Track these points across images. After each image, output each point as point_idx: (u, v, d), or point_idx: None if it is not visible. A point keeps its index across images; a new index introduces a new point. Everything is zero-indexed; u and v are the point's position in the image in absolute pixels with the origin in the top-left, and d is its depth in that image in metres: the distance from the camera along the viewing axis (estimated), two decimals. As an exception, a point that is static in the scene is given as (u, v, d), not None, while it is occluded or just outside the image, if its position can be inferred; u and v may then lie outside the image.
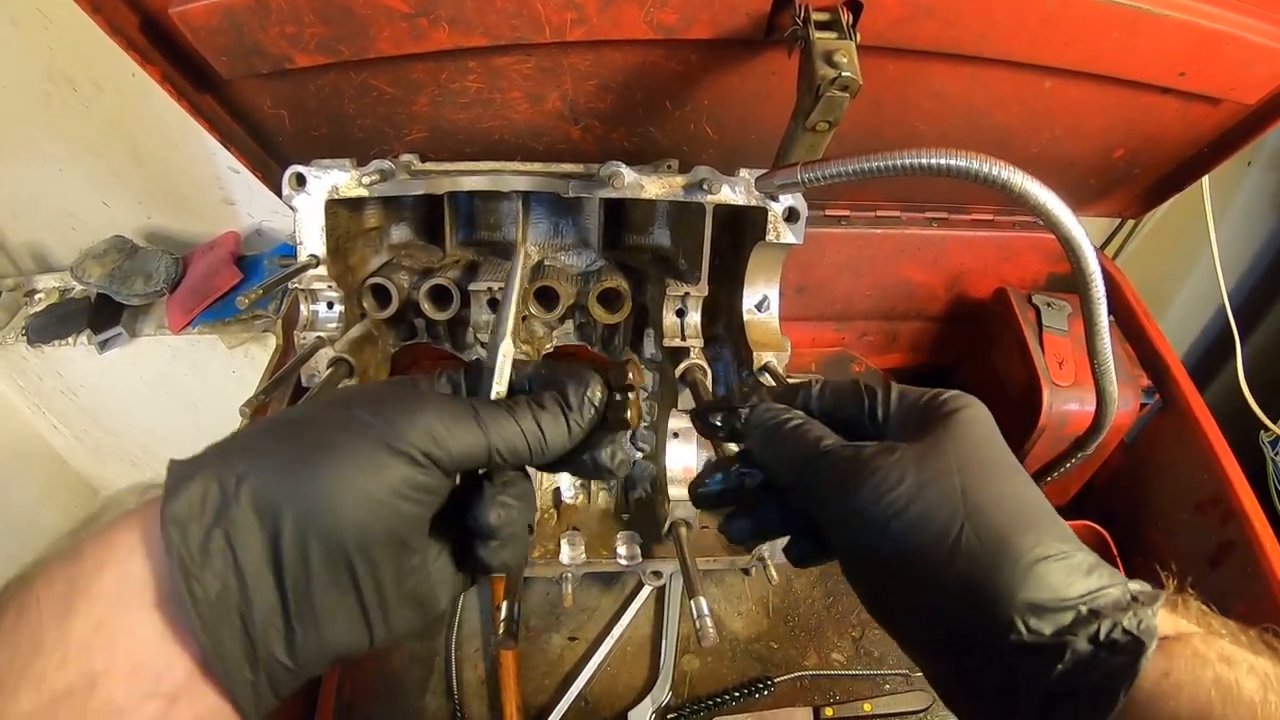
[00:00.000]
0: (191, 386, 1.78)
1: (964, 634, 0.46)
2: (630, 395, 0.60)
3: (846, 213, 1.34)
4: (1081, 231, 0.85)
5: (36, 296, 1.90)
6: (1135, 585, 0.46)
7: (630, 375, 0.61)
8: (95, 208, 1.82)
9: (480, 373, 0.59)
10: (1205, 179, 1.37)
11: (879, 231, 1.36)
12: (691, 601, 0.89)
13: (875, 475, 0.49)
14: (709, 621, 0.86)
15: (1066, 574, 0.45)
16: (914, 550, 0.47)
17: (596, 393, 0.57)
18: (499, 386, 0.59)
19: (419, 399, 0.51)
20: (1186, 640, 0.44)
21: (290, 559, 0.45)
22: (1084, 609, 0.44)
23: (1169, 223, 1.81)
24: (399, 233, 1.15)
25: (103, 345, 1.73)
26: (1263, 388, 1.46)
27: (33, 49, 1.54)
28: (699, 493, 0.62)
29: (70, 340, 1.76)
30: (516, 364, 0.60)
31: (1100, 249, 1.47)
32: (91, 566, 0.43)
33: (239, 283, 1.65)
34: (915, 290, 1.47)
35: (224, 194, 1.74)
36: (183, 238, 1.84)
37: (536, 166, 1.03)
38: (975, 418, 0.53)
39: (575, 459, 0.59)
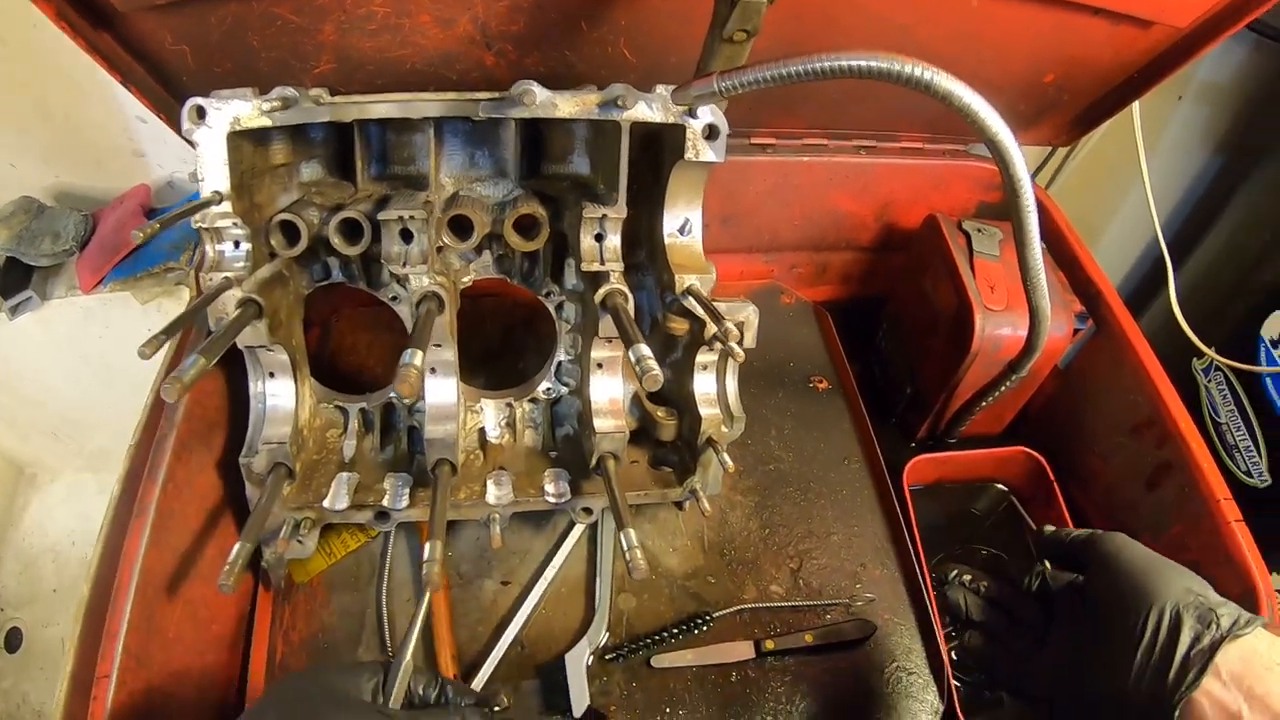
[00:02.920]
0: (106, 348, 1.69)
1: (1162, 594, 0.74)
2: None
3: (771, 141, 1.31)
4: (1008, 133, 0.84)
5: (-58, 265, 1.81)
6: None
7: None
8: (1, 169, 1.73)
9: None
10: (1136, 112, 1.36)
11: (805, 159, 1.34)
12: (620, 534, 0.88)
13: (1125, 536, 0.83)
14: (639, 553, 0.86)
15: (1206, 586, 0.76)
16: (1146, 555, 0.80)
17: None
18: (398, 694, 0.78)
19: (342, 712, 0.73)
20: None
21: None
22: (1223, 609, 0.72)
23: (1100, 156, 1.81)
24: (310, 170, 1.10)
25: (13, 310, 1.65)
26: (1195, 318, 1.47)
27: (-75, 6, 1.45)
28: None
29: (-21, 308, 1.68)
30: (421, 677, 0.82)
31: (1031, 177, 1.45)
32: None
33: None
34: (844, 219, 1.45)
35: (133, 145, 1.65)
36: (93, 195, 1.74)
37: (449, 94, 0.98)
38: None
39: None
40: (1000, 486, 1.39)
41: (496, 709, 0.83)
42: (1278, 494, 1.53)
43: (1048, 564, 0.90)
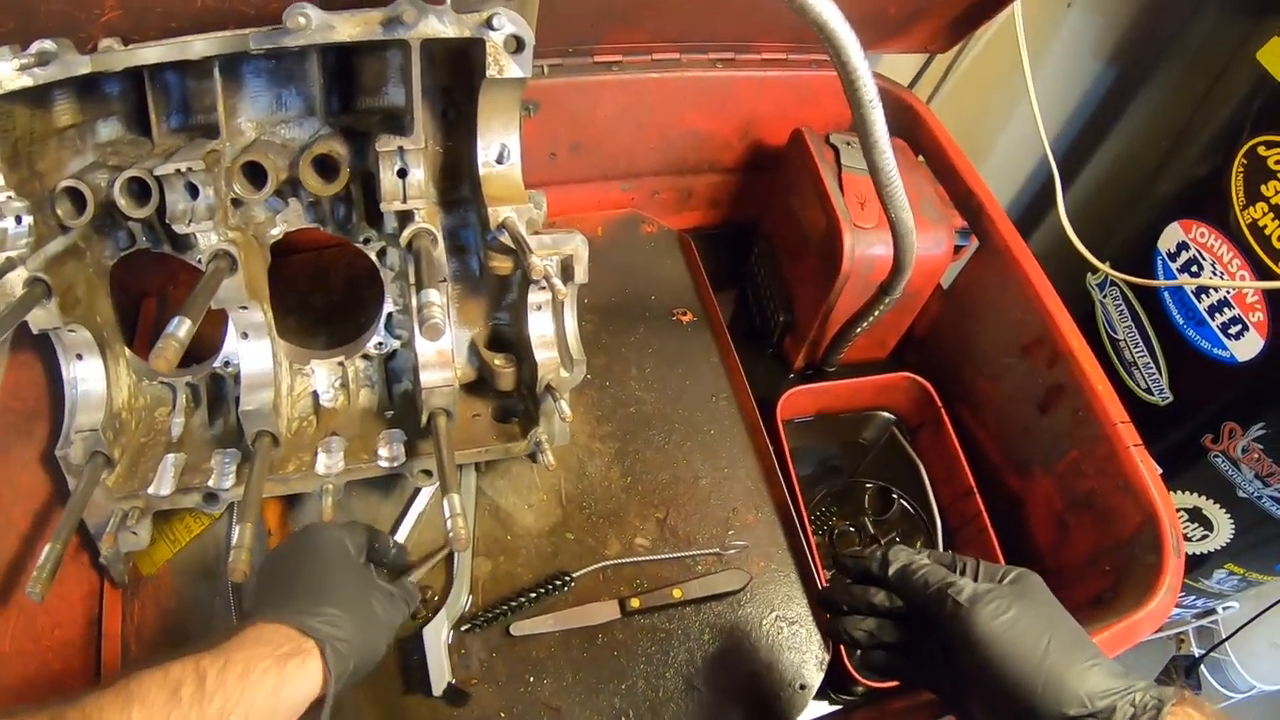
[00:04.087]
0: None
1: (1037, 714, 0.65)
2: None
3: (618, 58, 1.23)
4: (836, 13, 0.76)
5: None
6: (1155, 689, 0.65)
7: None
8: None
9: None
10: (1019, 18, 1.29)
11: (656, 76, 1.25)
12: (445, 499, 0.81)
13: (992, 603, 0.70)
14: (460, 522, 0.80)
15: (1108, 676, 0.65)
16: (1016, 654, 0.67)
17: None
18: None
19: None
20: None
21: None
22: (1122, 698, 0.64)
23: (984, 67, 1.75)
24: (108, 129, 0.99)
25: None
26: (1090, 233, 1.42)
27: None
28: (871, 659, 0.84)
29: None
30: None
31: (908, 88, 1.38)
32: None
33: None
34: (705, 140, 1.38)
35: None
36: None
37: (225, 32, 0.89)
38: (1038, 579, 0.75)
39: None
40: (886, 414, 1.34)
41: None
42: (1179, 410, 1.50)
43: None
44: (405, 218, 0.91)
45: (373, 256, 1.01)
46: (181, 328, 0.70)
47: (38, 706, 0.60)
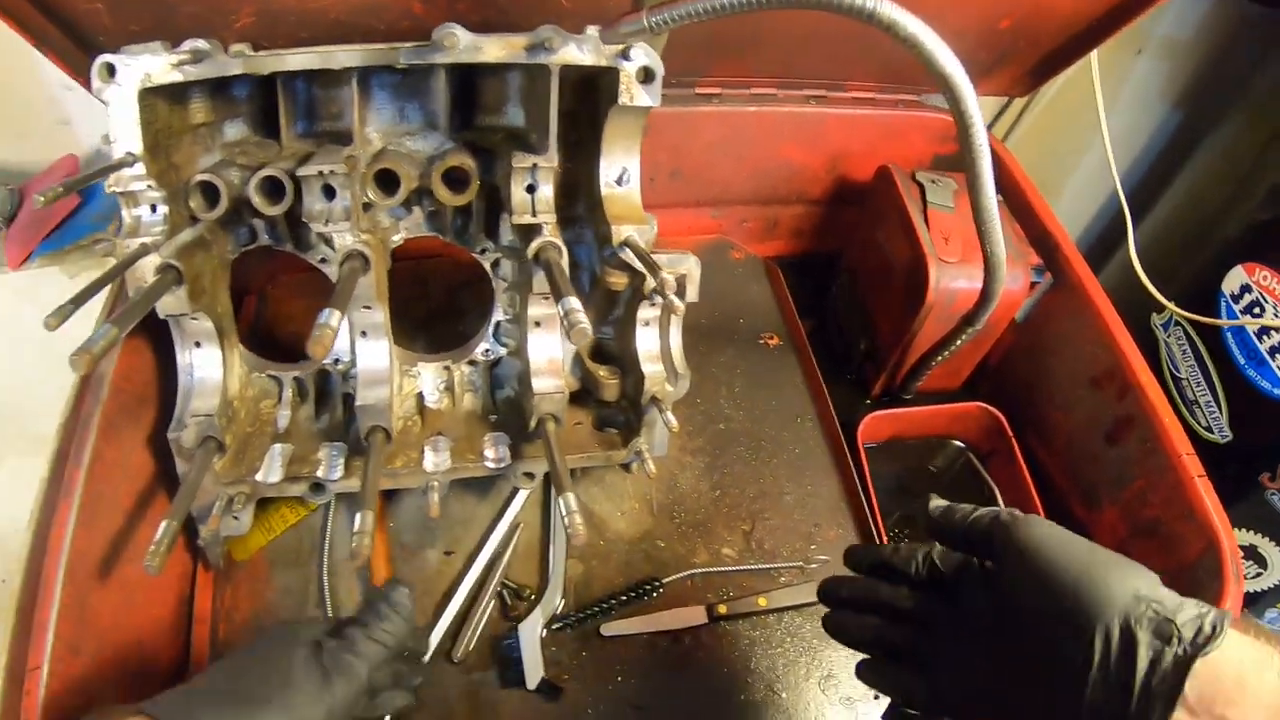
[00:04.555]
0: (41, 328, 1.63)
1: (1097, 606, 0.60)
2: None
3: (718, 90, 1.27)
4: (957, 65, 0.81)
5: None
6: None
7: None
8: (-78, 145, 1.66)
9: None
10: (1095, 64, 1.33)
11: (753, 110, 1.30)
12: (560, 498, 0.84)
13: (1037, 524, 0.67)
14: (579, 519, 0.82)
15: (1154, 582, 0.62)
16: (1068, 554, 0.64)
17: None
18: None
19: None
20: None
21: None
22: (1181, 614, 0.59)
23: (1058, 109, 1.79)
24: (234, 130, 1.04)
25: (-60, 292, 1.58)
26: (1155, 273, 1.45)
27: None
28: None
29: (-93, 290, 1.60)
30: None
31: (987, 128, 1.42)
32: None
33: (77, 207, 1.52)
34: (795, 172, 1.42)
35: (59, 115, 1.58)
36: (19, 168, 1.67)
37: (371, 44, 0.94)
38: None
39: None
40: (958, 443, 1.37)
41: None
42: (1238, 449, 1.53)
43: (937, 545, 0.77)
44: (528, 232, 0.95)
45: (487, 266, 1.05)
46: (333, 318, 0.74)
47: None
